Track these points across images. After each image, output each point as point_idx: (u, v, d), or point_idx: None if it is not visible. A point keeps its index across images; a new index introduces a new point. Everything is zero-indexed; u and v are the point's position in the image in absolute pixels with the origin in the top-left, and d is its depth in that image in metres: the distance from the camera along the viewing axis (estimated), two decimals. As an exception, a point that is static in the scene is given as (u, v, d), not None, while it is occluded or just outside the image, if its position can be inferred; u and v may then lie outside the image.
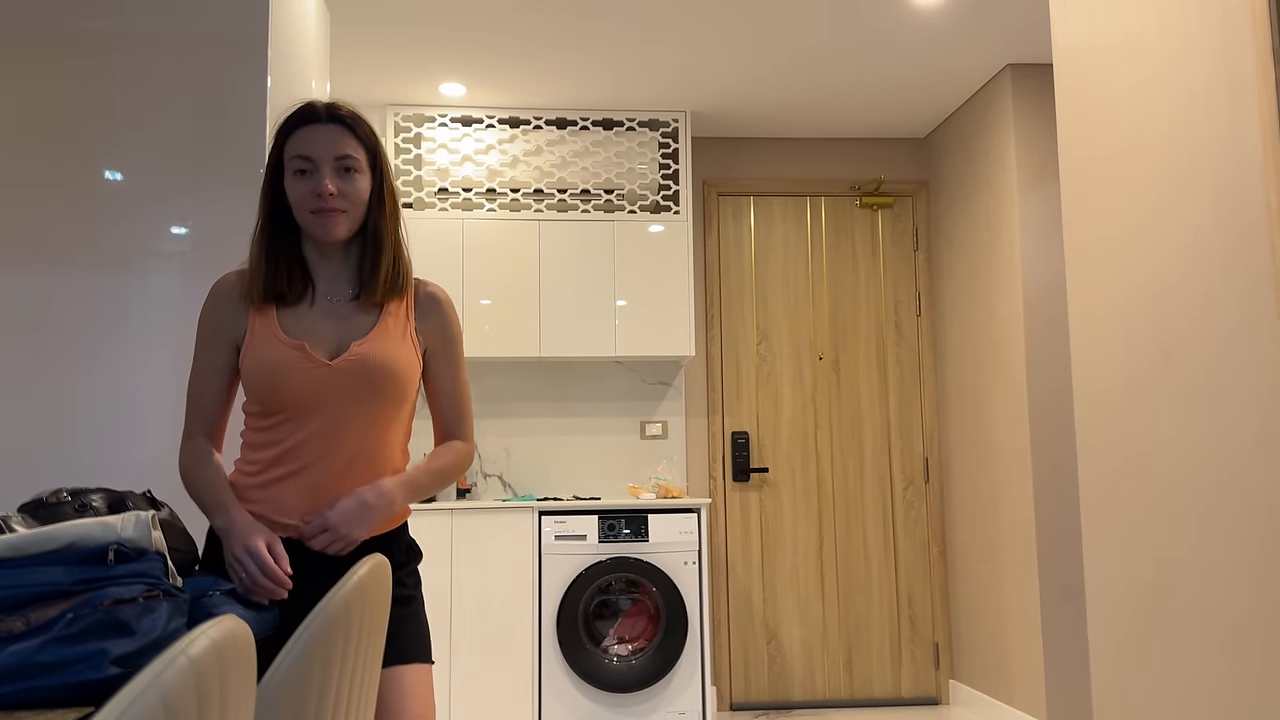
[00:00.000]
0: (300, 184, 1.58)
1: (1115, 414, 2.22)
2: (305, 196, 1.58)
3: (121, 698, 0.53)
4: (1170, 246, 2.05)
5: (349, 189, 1.60)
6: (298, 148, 1.59)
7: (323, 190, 1.57)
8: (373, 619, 1.07)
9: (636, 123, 4.38)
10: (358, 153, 1.61)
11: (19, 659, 1.01)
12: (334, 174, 1.59)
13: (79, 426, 2.35)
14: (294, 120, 1.62)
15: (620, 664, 3.80)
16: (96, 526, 1.19)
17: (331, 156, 1.58)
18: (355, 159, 1.61)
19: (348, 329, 1.64)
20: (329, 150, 1.58)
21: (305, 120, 1.61)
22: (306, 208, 1.59)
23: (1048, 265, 3.87)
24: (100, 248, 2.41)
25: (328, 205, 1.58)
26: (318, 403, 1.58)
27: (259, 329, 1.61)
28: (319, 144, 1.58)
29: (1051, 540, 3.73)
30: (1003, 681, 4.01)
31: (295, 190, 1.59)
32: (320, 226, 1.59)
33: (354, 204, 1.61)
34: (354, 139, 1.62)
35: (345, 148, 1.60)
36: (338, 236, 1.61)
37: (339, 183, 1.59)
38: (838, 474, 4.59)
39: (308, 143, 1.59)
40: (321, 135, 1.59)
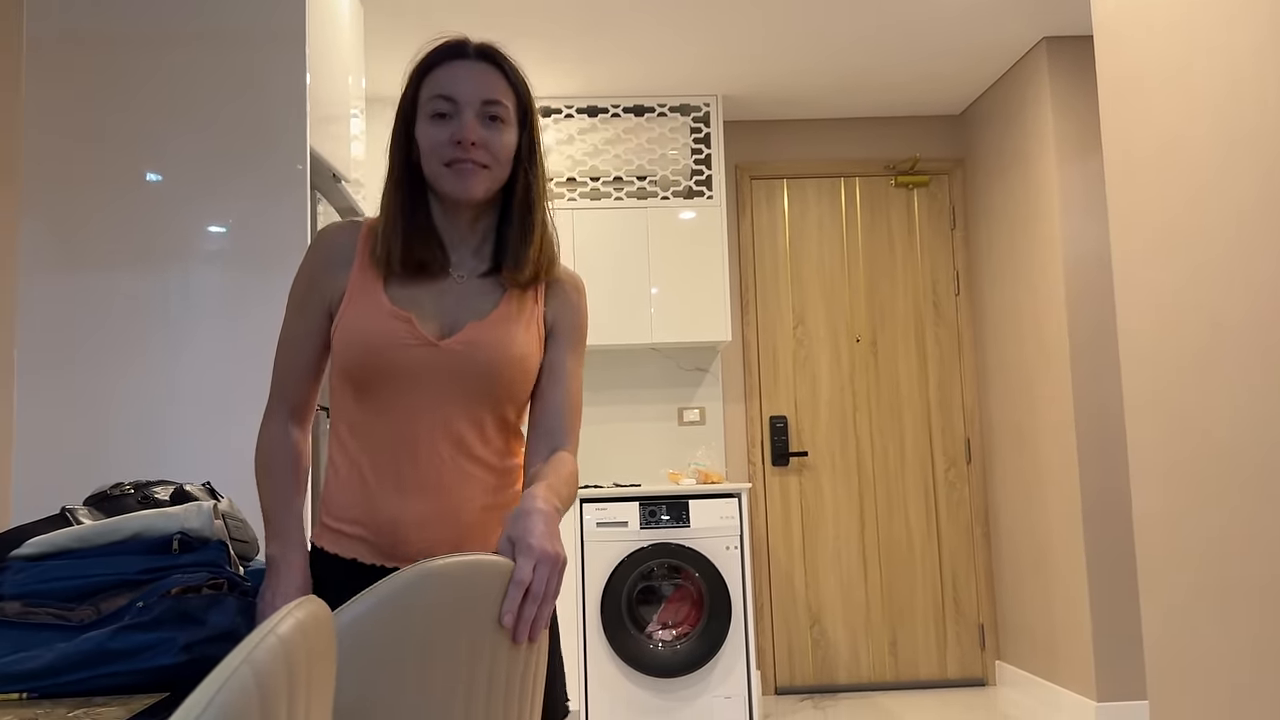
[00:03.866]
0: (437, 128, 1.33)
1: (1166, 387, 2.19)
2: (442, 144, 1.32)
3: (217, 674, 0.53)
4: (1221, 217, 2.01)
5: (495, 141, 1.33)
6: (438, 85, 1.33)
7: (465, 137, 1.31)
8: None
9: (668, 108, 4.37)
10: (508, 100, 1.35)
11: (93, 646, 1.03)
12: (479, 121, 1.33)
13: (131, 422, 2.39)
14: (436, 55, 1.36)
15: (665, 649, 3.81)
16: (160, 517, 1.21)
17: (478, 99, 1.32)
18: (505, 107, 1.34)
19: (466, 307, 1.38)
20: (476, 91, 1.33)
21: (450, 55, 1.35)
22: (441, 157, 1.32)
23: (1089, 240, 3.82)
24: (142, 248, 2.44)
25: (468, 156, 1.32)
26: (416, 387, 1.33)
27: (359, 292, 1.35)
28: (465, 83, 1.32)
29: (1098, 519, 3.69)
30: (1050, 662, 3.97)
31: (430, 136, 1.33)
32: (456, 181, 1.33)
33: (498, 160, 1.35)
34: (506, 84, 1.36)
35: (495, 91, 1.34)
36: (475, 196, 1.34)
37: (483, 132, 1.33)
38: (878, 456, 4.56)
39: (451, 81, 1.33)
40: (468, 73, 1.33)
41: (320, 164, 2.67)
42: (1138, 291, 2.32)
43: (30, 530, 1.21)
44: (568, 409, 1.41)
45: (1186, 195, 2.13)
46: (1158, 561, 2.23)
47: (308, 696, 0.63)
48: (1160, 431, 2.22)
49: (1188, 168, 2.12)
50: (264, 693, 0.56)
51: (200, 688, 0.55)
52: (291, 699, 0.59)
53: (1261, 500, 1.90)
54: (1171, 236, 2.18)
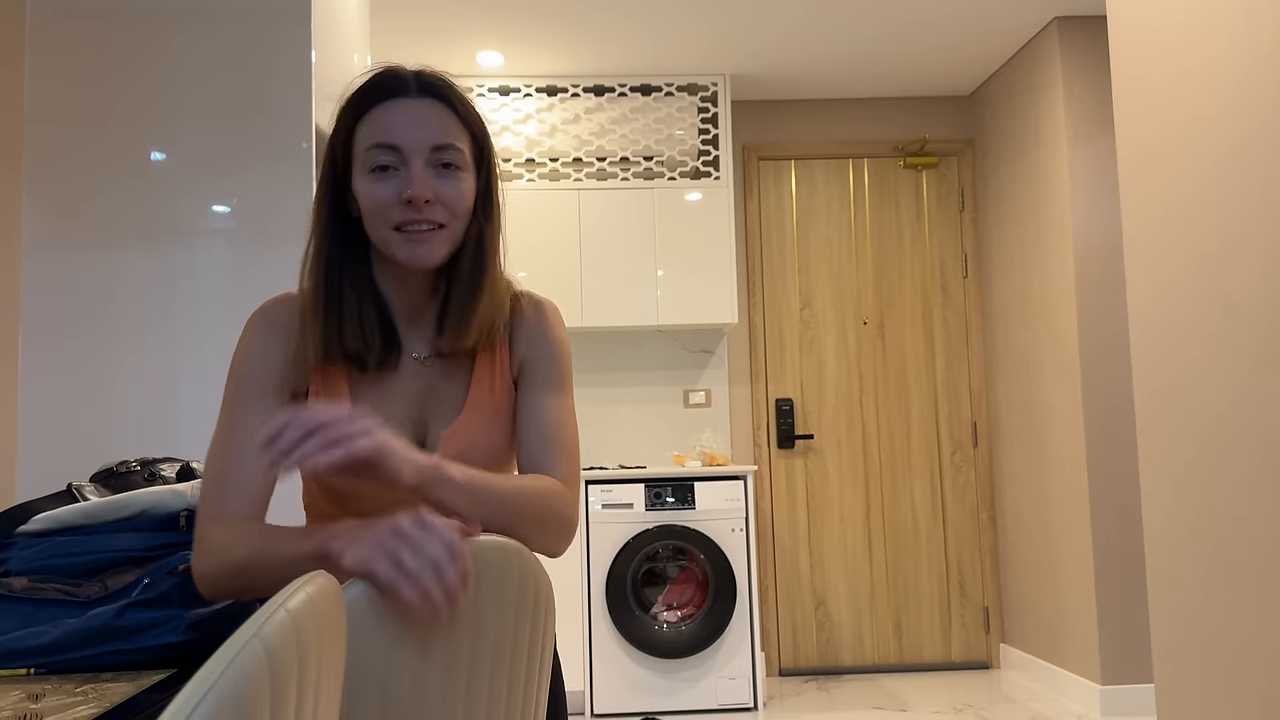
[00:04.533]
0: (380, 185, 1.12)
1: (1177, 372, 2.17)
2: (388, 203, 1.12)
3: (227, 648, 0.52)
4: (1235, 200, 1.99)
5: (450, 193, 1.14)
6: (377, 132, 1.12)
7: (416, 195, 1.10)
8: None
9: (675, 88, 4.34)
10: (462, 141, 1.15)
11: (100, 623, 1.03)
12: (430, 171, 1.13)
13: (137, 400, 2.38)
14: (371, 93, 1.14)
15: (670, 630, 3.81)
16: (168, 494, 1.20)
17: (427, 146, 1.12)
18: (459, 151, 1.14)
19: (436, 405, 1.19)
20: (424, 136, 1.12)
21: (387, 93, 1.13)
22: (389, 220, 1.12)
23: (1100, 222, 3.79)
24: (147, 227, 2.43)
25: (422, 216, 1.12)
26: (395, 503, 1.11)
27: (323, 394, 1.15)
28: (409, 128, 1.12)
29: (1105, 502, 3.68)
30: (1055, 645, 3.97)
31: (373, 194, 1.12)
32: (410, 248, 1.12)
33: (456, 215, 1.15)
34: (456, 121, 1.15)
35: (446, 134, 1.13)
36: (434, 262, 1.14)
37: (436, 185, 1.13)
38: (884, 439, 4.55)
39: (393, 126, 1.12)
40: (413, 115, 1.12)
41: (325, 142, 2.65)
42: (1149, 275, 2.30)
43: (37, 506, 1.21)
44: (549, 442, 1.21)
45: (1199, 179, 2.11)
46: (1165, 545, 2.23)
47: (318, 670, 0.62)
48: (1170, 416, 2.21)
49: (1201, 152, 2.10)
50: (274, 666, 0.55)
51: (211, 661, 0.54)
52: (302, 672, 0.59)
53: (1271, 486, 1.88)
54: (1184, 220, 2.16)
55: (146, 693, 0.88)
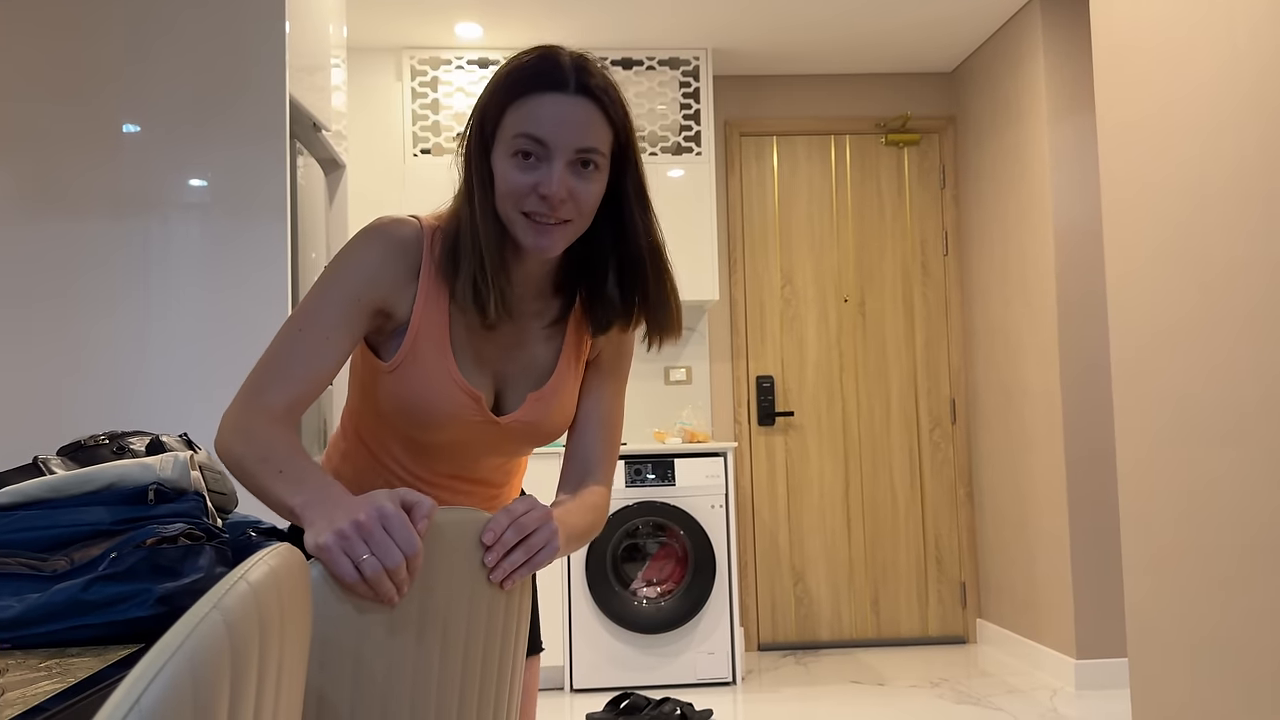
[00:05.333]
0: (519, 171, 1.16)
1: (1153, 347, 2.18)
2: (523, 190, 1.16)
3: (187, 620, 0.51)
4: (1215, 177, 1.99)
5: (583, 193, 1.17)
6: (528, 121, 1.15)
7: (552, 192, 1.14)
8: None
9: (656, 61, 4.30)
10: (605, 144, 1.18)
11: (66, 597, 1.01)
12: (569, 170, 1.16)
13: (107, 374, 2.35)
14: (529, 80, 1.17)
15: (649, 606, 3.82)
16: (136, 467, 1.18)
17: (572, 147, 1.15)
18: (601, 154, 1.17)
19: (527, 369, 1.29)
20: (571, 138, 1.15)
21: (546, 85, 1.16)
22: (519, 205, 1.17)
23: (1080, 200, 3.80)
24: (119, 198, 2.39)
25: (552, 212, 1.16)
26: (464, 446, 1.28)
27: (426, 339, 1.22)
28: (559, 126, 1.14)
29: (1081, 479, 3.71)
30: (1031, 620, 4.01)
31: (510, 177, 1.16)
32: (534, 236, 1.17)
33: (582, 214, 1.19)
34: (605, 123, 1.18)
35: (591, 137, 1.16)
36: (553, 254, 1.20)
37: (572, 183, 1.16)
38: (864, 417, 4.56)
39: (544, 120, 1.15)
40: (565, 113, 1.15)
41: (300, 113, 2.61)
42: (1127, 253, 2.30)
43: (1, 480, 1.19)
44: (605, 443, 1.35)
45: (1178, 157, 2.11)
46: (1140, 522, 2.24)
47: (281, 642, 0.61)
48: (1146, 392, 2.22)
49: (1180, 130, 2.10)
50: (235, 638, 0.54)
51: (169, 633, 0.52)
52: (264, 645, 0.57)
53: (1243, 462, 1.90)
54: (1161, 198, 2.16)
55: (112, 667, 0.87)
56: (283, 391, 1.14)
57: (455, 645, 0.99)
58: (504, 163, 1.17)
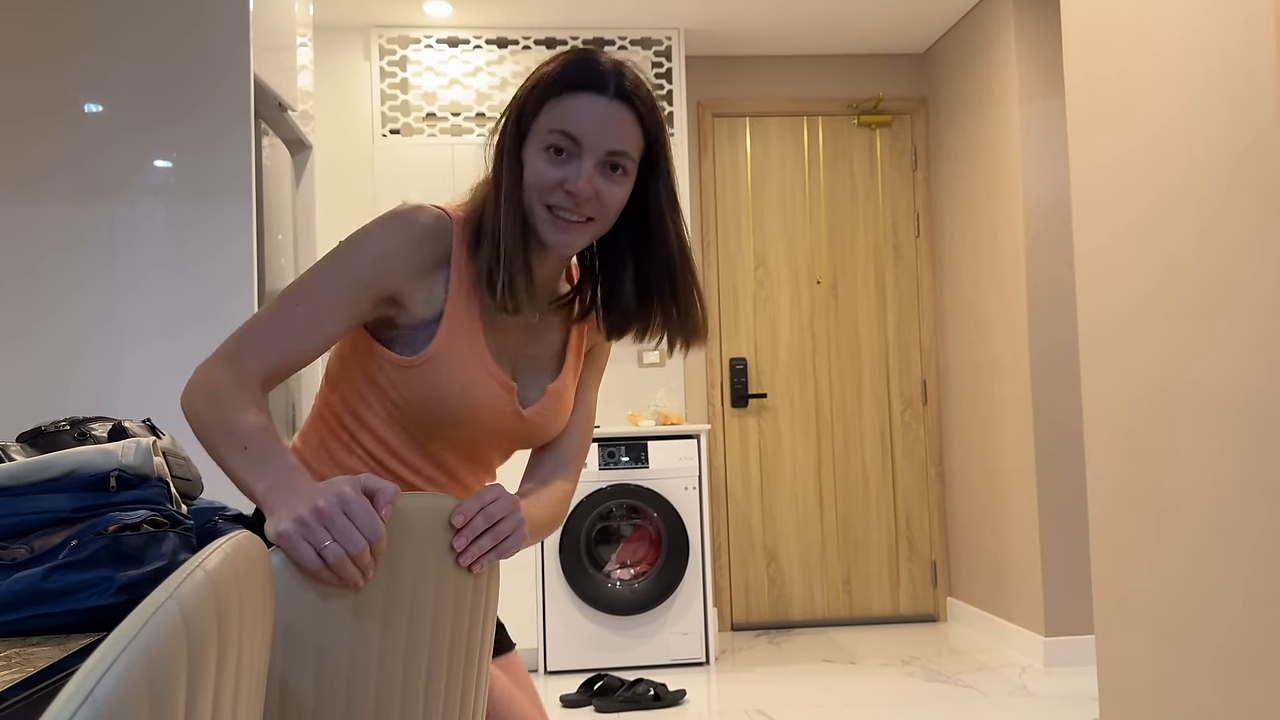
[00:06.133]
0: (549, 165, 1.18)
1: (1122, 325, 2.20)
2: (550, 184, 1.18)
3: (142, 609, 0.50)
4: (1181, 158, 2.00)
5: (609, 194, 1.20)
6: (564, 118, 1.18)
7: (579, 190, 1.17)
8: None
9: (628, 41, 4.27)
10: (636, 149, 1.21)
11: (26, 585, 0.99)
12: (598, 170, 1.18)
13: (69, 359, 2.31)
14: (570, 79, 1.19)
15: (623, 588, 3.83)
16: (97, 454, 1.16)
17: (604, 148, 1.18)
18: (630, 159, 1.20)
19: (543, 361, 1.31)
20: (604, 139, 1.18)
21: (585, 85, 1.18)
22: (545, 198, 1.19)
23: (1050, 181, 3.82)
24: (82, 179, 2.35)
25: (576, 209, 1.18)
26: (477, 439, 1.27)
27: (460, 330, 1.21)
28: (594, 126, 1.17)
29: (1050, 459, 3.75)
30: (1001, 598, 4.06)
31: (539, 170, 1.18)
32: (556, 232, 1.19)
33: (606, 215, 1.21)
34: (638, 130, 1.21)
35: (624, 141, 1.19)
36: (573, 251, 1.23)
37: (600, 183, 1.18)
38: (836, 398, 4.59)
39: (579, 117, 1.17)
40: (601, 114, 1.18)
41: (266, 93, 2.57)
42: (1096, 234, 2.32)
43: (-41, 467, 1.16)
44: (582, 440, 1.38)
45: (1146, 137, 2.12)
46: (1108, 501, 2.27)
47: (240, 632, 0.60)
48: (1113, 371, 2.24)
49: (1149, 111, 2.11)
50: (191, 628, 0.53)
51: (124, 623, 0.52)
52: (222, 634, 0.57)
53: (1209, 439, 1.92)
54: (1130, 178, 2.18)
55: (72, 657, 0.86)
56: (262, 361, 1.12)
57: (422, 631, 0.98)
58: (535, 156, 1.19)
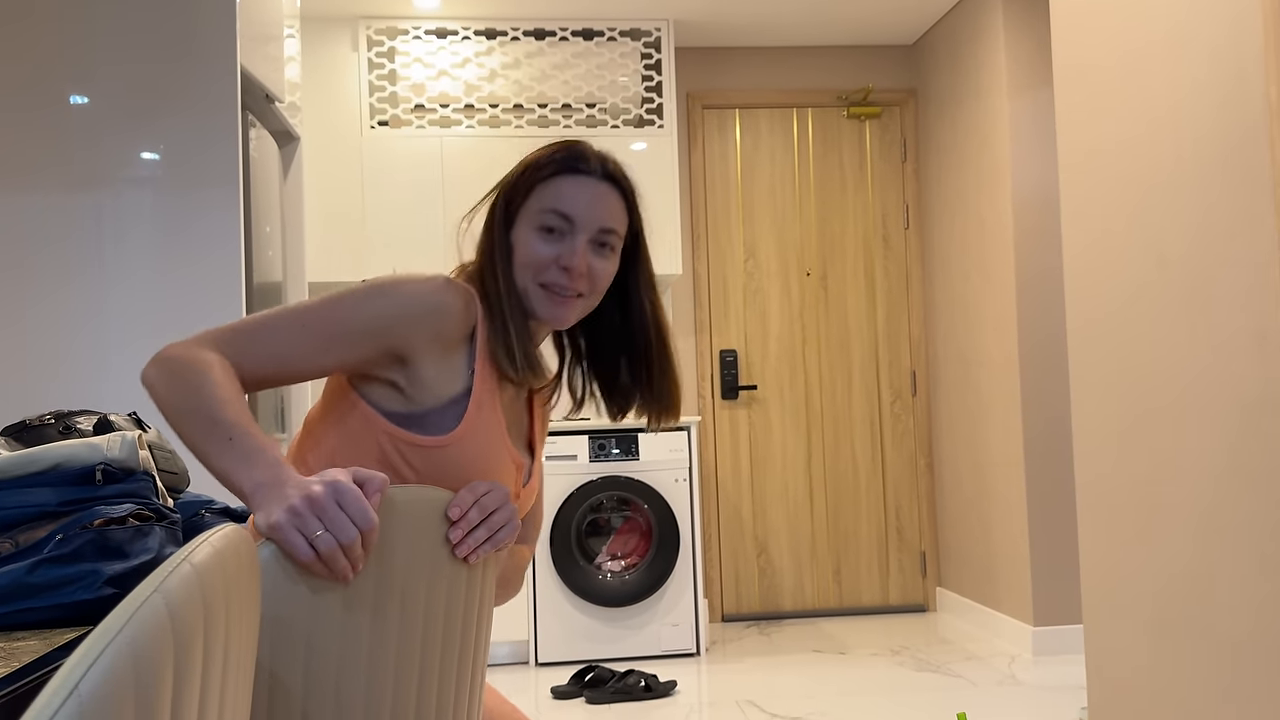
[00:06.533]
0: (544, 243, 1.24)
1: (1109, 317, 2.21)
2: (545, 262, 1.23)
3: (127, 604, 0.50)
4: (1169, 150, 2.01)
5: (600, 271, 1.26)
6: (556, 199, 1.24)
7: (575, 265, 1.22)
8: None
9: (618, 32, 4.25)
10: (621, 228, 1.29)
11: (10, 580, 0.99)
12: (589, 247, 1.25)
13: (54, 352, 2.29)
14: (560, 162, 1.27)
15: (614, 580, 3.83)
16: (83, 447, 1.15)
17: (596, 226, 1.25)
18: (617, 235, 1.28)
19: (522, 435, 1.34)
20: (596, 217, 1.25)
21: (575, 168, 1.27)
22: (540, 276, 1.24)
23: (1038, 173, 3.83)
24: (69, 172, 2.33)
25: (571, 284, 1.23)
26: None
27: (485, 412, 1.22)
28: (587, 205, 1.25)
29: (1039, 450, 3.76)
30: (990, 588, 4.08)
31: (533, 249, 1.23)
32: (551, 307, 1.24)
33: (596, 290, 1.27)
34: (624, 210, 1.30)
35: (612, 219, 1.27)
36: (567, 324, 1.27)
37: (591, 259, 1.25)
38: (826, 389, 4.59)
39: (573, 198, 1.24)
40: (592, 194, 1.26)
41: (253, 85, 2.55)
42: (1084, 227, 2.32)
43: (-57, 462, 1.15)
44: (540, 513, 1.42)
45: (1135, 129, 2.13)
46: (1095, 490, 2.28)
47: (227, 625, 0.60)
48: (1102, 362, 2.25)
49: (1137, 104, 2.12)
50: (178, 622, 0.53)
51: (110, 617, 0.51)
52: (209, 628, 0.56)
53: (1197, 430, 1.93)
54: (1119, 170, 2.18)
55: (58, 651, 0.85)
56: (253, 365, 1.11)
57: (413, 624, 0.98)
58: (527, 235, 1.25)
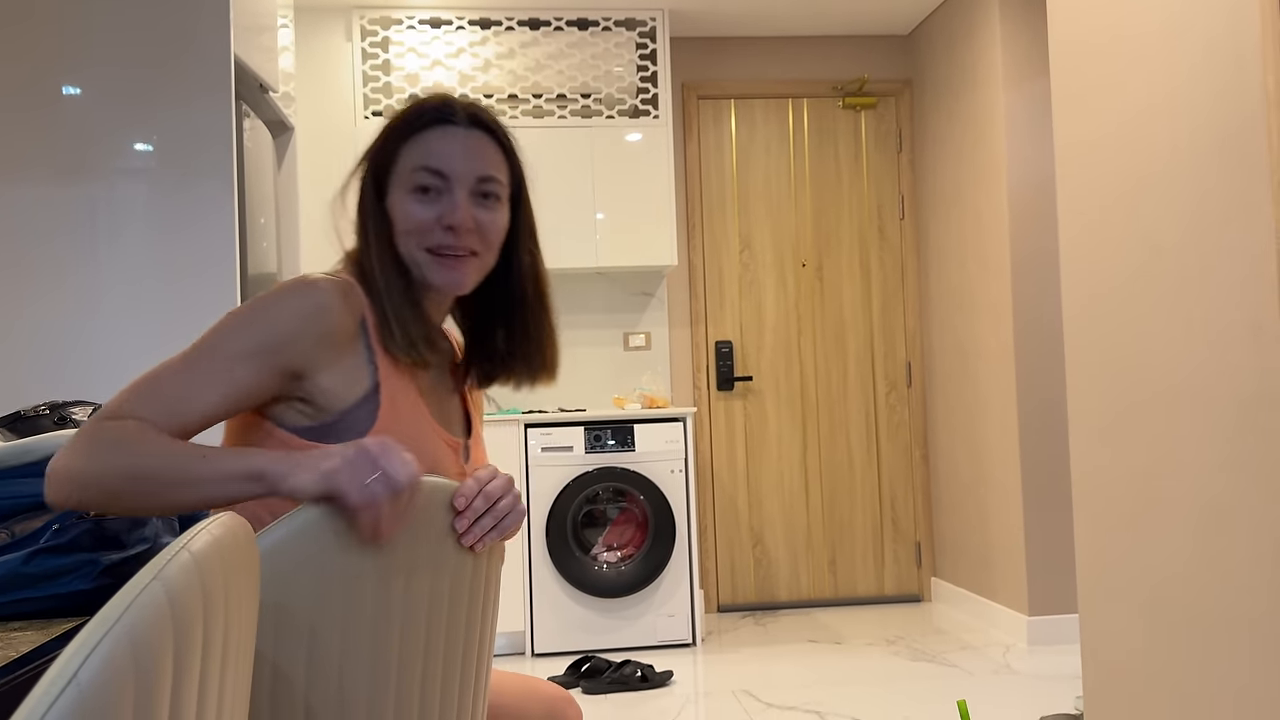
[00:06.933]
0: (421, 206, 1.14)
1: (1105, 308, 2.21)
2: (427, 225, 1.14)
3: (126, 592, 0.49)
4: (1166, 140, 2.01)
5: (488, 223, 1.16)
6: (425, 155, 1.15)
7: (458, 222, 1.13)
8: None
9: (613, 22, 4.24)
10: (502, 175, 1.19)
11: (7, 570, 0.98)
12: (471, 200, 1.15)
13: (51, 341, 2.29)
14: (420, 118, 1.17)
15: (610, 570, 3.84)
16: (78, 437, 1.15)
17: (473, 175, 1.15)
18: (500, 183, 1.18)
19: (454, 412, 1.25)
20: (470, 166, 1.15)
21: (436, 120, 1.16)
22: (424, 241, 1.14)
23: (1034, 163, 3.82)
24: (62, 163, 2.31)
25: (459, 242, 1.14)
26: None
27: (401, 401, 1.13)
28: (457, 156, 1.15)
29: (1034, 440, 3.77)
30: (985, 578, 4.09)
31: (412, 214, 1.14)
32: (444, 272, 1.15)
33: (489, 245, 1.18)
34: (500, 155, 1.19)
35: (490, 166, 1.17)
36: (466, 288, 1.17)
37: (476, 213, 1.15)
38: (821, 380, 4.60)
39: (441, 152, 1.15)
40: (461, 144, 1.16)
41: (246, 75, 2.54)
42: (1079, 214, 2.32)
43: (-63, 452, 1.14)
44: None
45: (1131, 120, 2.13)
46: (1091, 480, 2.29)
47: (226, 613, 0.59)
48: (1097, 352, 2.25)
49: (1133, 93, 2.11)
50: (177, 610, 0.52)
51: (109, 605, 0.51)
52: (209, 616, 0.56)
53: (1192, 419, 1.94)
54: (1115, 161, 2.18)
55: (55, 641, 0.85)
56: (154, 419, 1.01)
57: (418, 613, 0.98)
58: (403, 201, 1.16)
